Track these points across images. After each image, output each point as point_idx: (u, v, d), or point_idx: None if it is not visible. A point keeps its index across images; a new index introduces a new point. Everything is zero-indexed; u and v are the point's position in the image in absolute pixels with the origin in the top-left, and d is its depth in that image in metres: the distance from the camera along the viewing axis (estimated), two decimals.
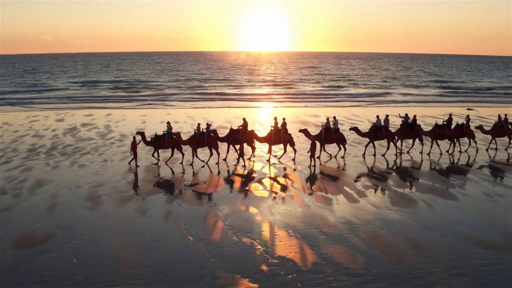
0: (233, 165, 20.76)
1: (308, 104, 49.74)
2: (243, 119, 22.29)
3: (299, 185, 17.76)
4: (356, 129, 23.19)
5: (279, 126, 21.76)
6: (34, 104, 48.70)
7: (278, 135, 21.55)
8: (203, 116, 36.34)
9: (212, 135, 21.13)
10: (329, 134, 21.92)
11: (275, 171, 19.85)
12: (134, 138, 20.89)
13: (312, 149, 20.55)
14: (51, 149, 24.26)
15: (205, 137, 20.90)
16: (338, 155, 22.21)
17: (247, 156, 21.92)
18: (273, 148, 22.19)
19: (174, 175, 19.26)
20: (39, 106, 46.96)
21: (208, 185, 17.72)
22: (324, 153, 22.29)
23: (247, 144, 21.82)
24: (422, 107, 46.08)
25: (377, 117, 23.00)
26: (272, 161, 21.41)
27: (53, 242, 12.13)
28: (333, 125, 22.11)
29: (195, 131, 20.99)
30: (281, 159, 21.75)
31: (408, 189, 17.20)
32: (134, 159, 20.49)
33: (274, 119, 22.31)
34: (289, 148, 21.90)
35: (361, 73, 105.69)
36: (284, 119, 22.04)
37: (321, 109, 43.03)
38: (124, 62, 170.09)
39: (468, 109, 42.47)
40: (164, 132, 21.17)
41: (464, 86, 73.30)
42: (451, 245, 11.92)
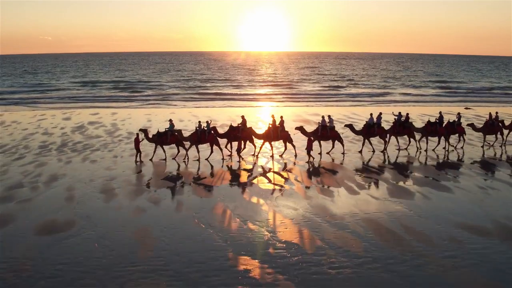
0: (236, 161, 21.69)
1: (308, 103, 50.71)
2: (242, 117, 23.24)
3: (301, 178, 18.72)
4: (351, 126, 24.22)
5: (277, 123, 22.65)
6: (38, 104, 49.51)
7: (275, 132, 22.44)
8: (206, 114, 37.27)
9: (212, 132, 22.06)
10: (325, 131, 22.85)
11: (279, 166, 20.81)
12: (137, 134, 21.83)
13: (308, 146, 21.52)
14: (61, 146, 25.17)
15: (206, 134, 21.84)
16: (330, 152, 23.08)
17: (251, 152, 22.85)
18: (274, 144, 23.08)
19: (181, 169, 20.19)
20: (44, 105, 47.80)
21: (215, 179, 18.66)
22: (323, 149, 23.16)
23: (245, 140, 22.72)
24: (421, 107, 47.03)
25: (371, 115, 24.01)
26: (275, 157, 22.34)
27: (74, 229, 13.04)
28: (328, 123, 23.03)
29: (197, 129, 21.92)
30: (283, 155, 22.65)
31: (405, 182, 18.17)
32: (137, 154, 21.41)
33: (271, 116, 23.22)
34: (289, 145, 22.77)
35: (361, 73, 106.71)
36: (281, 117, 22.91)
37: (321, 109, 43.89)
38: (124, 62, 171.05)
39: (466, 108, 43.39)
40: (166, 129, 22.08)
41: (463, 86, 74.26)
42: (444, 232, 12.85)
